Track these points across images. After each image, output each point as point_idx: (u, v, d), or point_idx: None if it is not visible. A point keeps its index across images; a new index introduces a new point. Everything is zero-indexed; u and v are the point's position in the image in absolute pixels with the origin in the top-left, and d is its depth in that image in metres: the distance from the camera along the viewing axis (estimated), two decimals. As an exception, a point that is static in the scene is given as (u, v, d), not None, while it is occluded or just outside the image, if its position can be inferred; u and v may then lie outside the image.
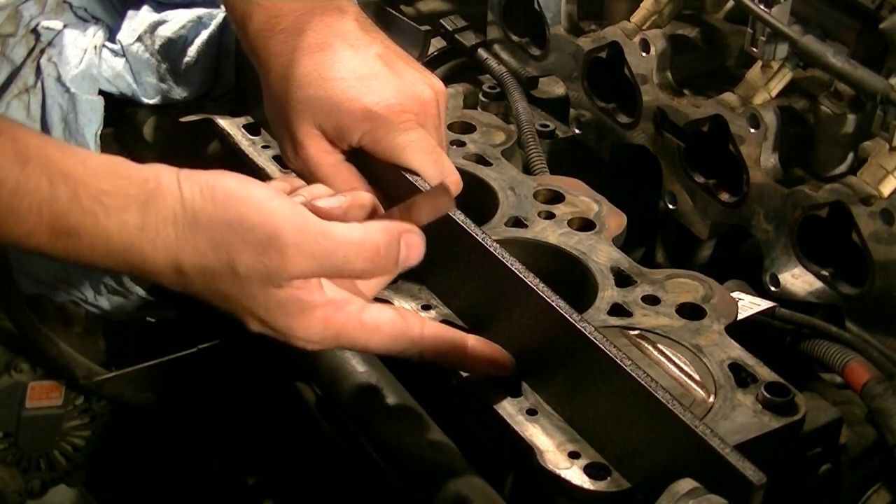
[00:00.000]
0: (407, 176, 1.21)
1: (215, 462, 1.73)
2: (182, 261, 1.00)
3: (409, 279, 1.25)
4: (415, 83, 1.24)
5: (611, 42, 1.57)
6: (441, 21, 1.82)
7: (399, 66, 1.25)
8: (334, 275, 1.05)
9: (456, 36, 1.80)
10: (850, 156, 1.41)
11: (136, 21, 1.62)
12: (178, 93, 1.64)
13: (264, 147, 1.50)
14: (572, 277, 1.27)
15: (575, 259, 1.28)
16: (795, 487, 1.19)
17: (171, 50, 1.62)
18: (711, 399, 1.10)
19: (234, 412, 1.66)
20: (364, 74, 1.22)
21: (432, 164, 1.22)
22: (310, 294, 1.03)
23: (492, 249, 1.14)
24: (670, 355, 1.15)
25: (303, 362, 1.31)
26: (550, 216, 1.34)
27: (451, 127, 1.48)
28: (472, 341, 1.12)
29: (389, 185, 1.23)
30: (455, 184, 1.22)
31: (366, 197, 1.14)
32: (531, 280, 1.10)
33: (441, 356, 1.11)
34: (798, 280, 1.40)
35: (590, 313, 1.20)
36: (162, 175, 1.01)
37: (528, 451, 1.07)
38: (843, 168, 1.41)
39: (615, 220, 1.34)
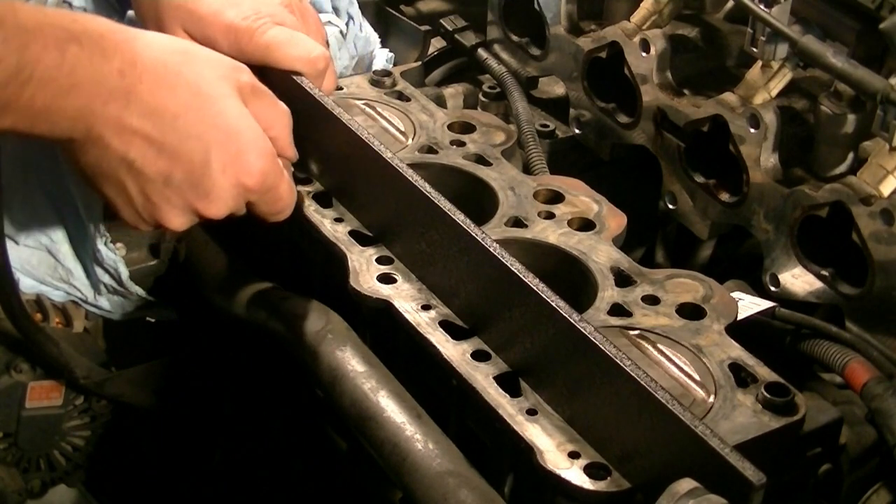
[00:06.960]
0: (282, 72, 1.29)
1: (215, 462, 1.73)
2: None
3: (409, 280, 1.25)
4: None
5: (611, 42, 1.57)
6: (441, 21, 1.82)
7: None
8: None
9: (456, 36, 1.80)
10: (850, 156, 1.41)
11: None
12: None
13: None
14: (572, 277, 1.27)
15: (575, 259, 1.28)
16: (795, 487, 1.19)
17: (171, 50, 1.62)
18: (711, 399, 1.11)
19: (233, 412, 1.66)
20: None
21: (294, 49, 1.30)
22: None
23: (492, 249, 1.14)
24: (670, 355, 1.15)
25: (303, 362, 1.31)
26: (550, 216, 1.34)
27: (451, 127, 1.48)
28: None
29: (283, 91, 1.28)
30: (322, 58, 1.31)
31: None
32: (531, 280, 1.10)
33: None
34: (798, 280, 1.40)
35: (590, 313, 1.20)
36: None
37: (528, 451, 1.07)
38: (843, 168, 1.41)
39: (615, 220, 1.34)
